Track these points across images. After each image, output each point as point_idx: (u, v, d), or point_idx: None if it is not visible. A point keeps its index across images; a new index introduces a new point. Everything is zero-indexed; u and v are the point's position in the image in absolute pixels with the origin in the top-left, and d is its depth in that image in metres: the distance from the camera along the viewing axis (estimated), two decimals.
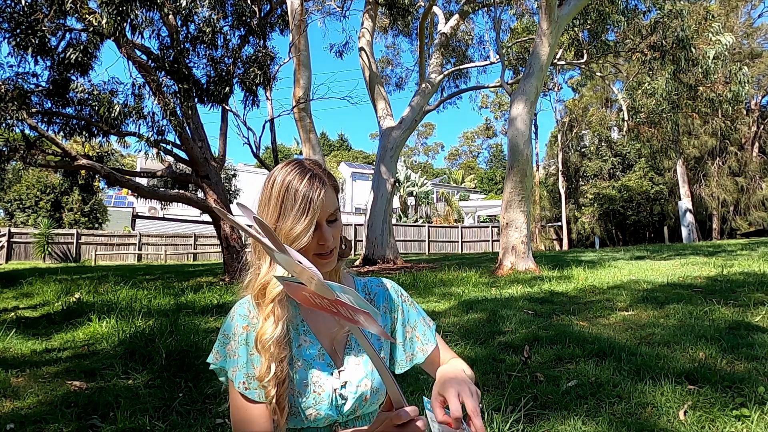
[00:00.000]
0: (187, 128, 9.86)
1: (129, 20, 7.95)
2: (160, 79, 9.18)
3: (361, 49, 13.64)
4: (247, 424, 0.98)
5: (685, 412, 2.55)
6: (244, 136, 10.91)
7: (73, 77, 9.44)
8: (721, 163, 25.40)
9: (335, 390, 1.04)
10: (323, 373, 1.05)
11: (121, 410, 2.83)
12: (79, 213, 23.99)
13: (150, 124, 9.06)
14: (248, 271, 1.10)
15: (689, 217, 23.62)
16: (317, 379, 1.04)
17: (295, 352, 1.05)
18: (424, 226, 26.82)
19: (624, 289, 6.02)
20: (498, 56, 13.16)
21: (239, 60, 10.07)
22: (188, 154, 10.30)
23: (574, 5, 9.60)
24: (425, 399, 1.01)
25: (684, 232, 23.71)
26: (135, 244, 23.02)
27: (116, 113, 8.70)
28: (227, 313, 1.07)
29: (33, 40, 8.44)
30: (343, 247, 1.14)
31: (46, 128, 9.90)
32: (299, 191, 1.01)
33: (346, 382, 1.06)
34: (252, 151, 11.02)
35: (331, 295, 0.75)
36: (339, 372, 1.07)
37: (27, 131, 9.86)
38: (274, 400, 0.99)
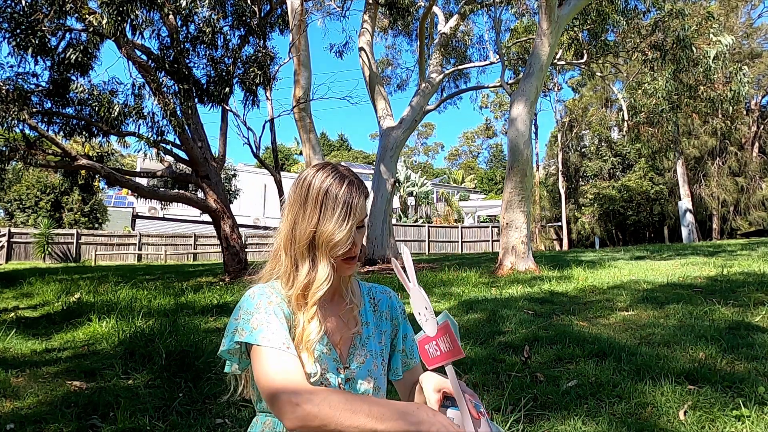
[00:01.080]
0: (187, 128, 9.86)
1: (129, 20, 7.95)
2: (160, 80, 9.18)
3: (361, 49, 13.64)
4: (287, 372, 0.95)
5: (685, 412, 2.55)
6: (244, 136, 10.93)
7: (73, 77, 9.45)
8: (721, 163, 25.38)
9: (339, 385, 1.08)
10: (329, 368, 1.08)
11: (121, 410, 2.83)
12: (79, 213, 23.97)
13: (150, 124, 9.07)
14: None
15: (689, 217, 23.60)
16: (323, 371, 1.06)
17: None
18: (424, 226, 26.81)
19: (624, 289, 6.02)
20: (498, 56, 13.16)
21: (239, 60, 10.08)
22: (188, 154, 10.30)
23: (574, 5, 9.60)
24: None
25: (684, 232, 23.68)
26: (135, 244, 23.02)
27: (116, 113, 8.71)
28: (234, 305, 1.09)
29: (33, 40, 8.45)
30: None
31: (46, 128, 9.90)
32: (339, 197, 1.03)
33: (349, 379, 1.09)
34: (252, 151, 11.02)
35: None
36: (344, 368, 1.10)
37: (27, 131, 9.87)
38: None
